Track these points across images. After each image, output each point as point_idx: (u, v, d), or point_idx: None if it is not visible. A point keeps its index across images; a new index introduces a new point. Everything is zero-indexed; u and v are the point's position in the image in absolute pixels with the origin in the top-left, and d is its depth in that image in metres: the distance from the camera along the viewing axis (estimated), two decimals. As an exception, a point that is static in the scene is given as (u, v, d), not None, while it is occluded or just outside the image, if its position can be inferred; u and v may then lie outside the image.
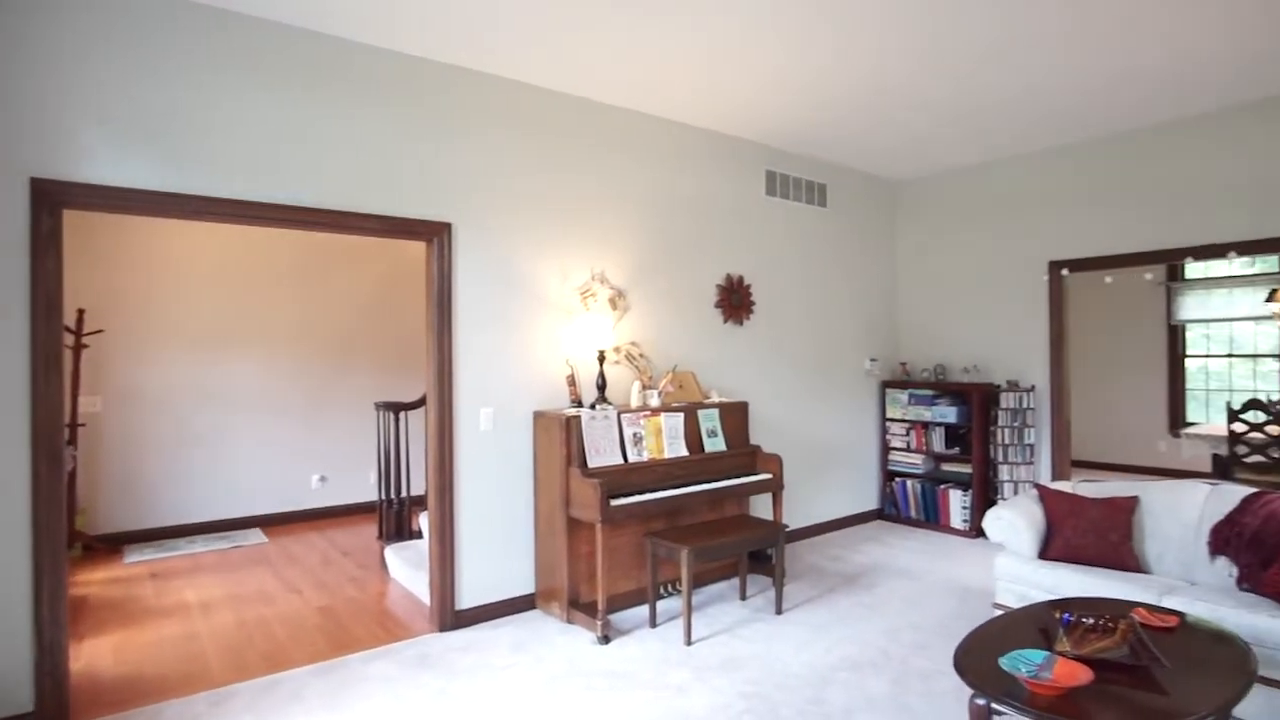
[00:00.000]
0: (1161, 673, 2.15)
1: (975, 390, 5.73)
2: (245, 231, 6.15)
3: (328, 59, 3.51)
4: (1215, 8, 3.35)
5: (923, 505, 6.03)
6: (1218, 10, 3.38)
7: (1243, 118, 4.62)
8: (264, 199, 3.32)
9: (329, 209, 3.50)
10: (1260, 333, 7.75)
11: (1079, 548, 3.54)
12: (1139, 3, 3.30)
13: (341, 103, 3.55)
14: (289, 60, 3.41)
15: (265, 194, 3.33)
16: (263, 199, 3.32)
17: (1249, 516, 3.32)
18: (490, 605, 3.99)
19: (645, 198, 4.73)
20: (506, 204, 4.08)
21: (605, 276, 4.49)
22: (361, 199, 3.60)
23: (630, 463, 3.97)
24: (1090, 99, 4.51)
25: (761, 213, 5.45)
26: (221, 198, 3.21)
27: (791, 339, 5.66)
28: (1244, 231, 4.63)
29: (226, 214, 3.25)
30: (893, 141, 5.38)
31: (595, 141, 4.47)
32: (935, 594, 4.36)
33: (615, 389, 4.48)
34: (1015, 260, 5.78)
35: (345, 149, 3.56)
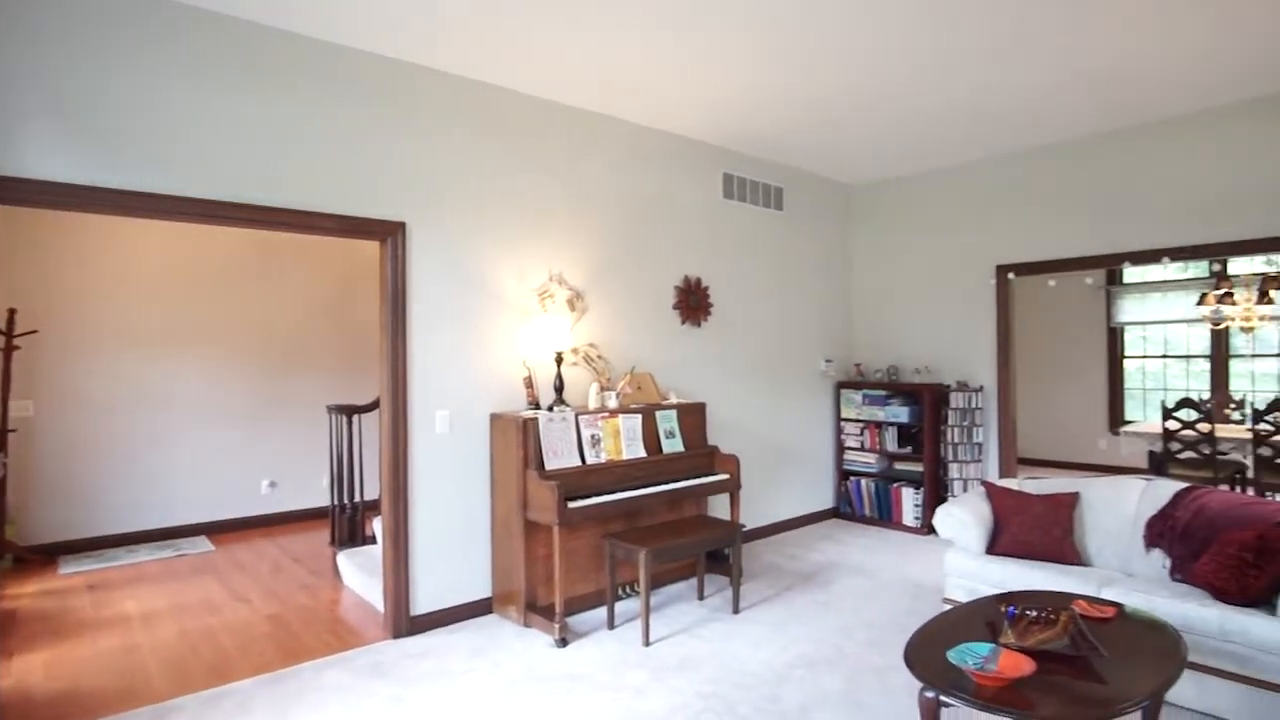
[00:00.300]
0: (1100, 662, 2.23)
1: (926, 390, 5.87)
2: (190, 228, 5.95)
3: (284, 55, 3.42)
4: (1156, 17, 3.50)
5: (876, 503, 6.15)
6: (1158, 19, 3.53)
7: (1179, 128, 4.84)
8: (213, 196, 3.22)
9: (281, 207, 3.41)
10: (1192, 334, 8.12)
11: (1024, 543, 3.66)
12: (1081, 12, 3.43)
13: (296, 100, 3.46)
14: (244, 56, 3.31)
15: (214, 192, 3.22)
16: (212, 196, 3.21)
17: (1181, 511, 3.47)
18: (446, 610, 3.94)
19: (604, 199, 4.73)
20: (464, 204, 4.04)
21: (563, 278, 4.47)
22: (315, 198, 3.51)
23: (588, 464, 3.96)
24: (1035, 108, 4.66)
25: (719, 215, 5.49)
26: (169, 195, 3.10)
27: (749, 340, 5.72)
28: (1177, 238, 4.84)
29: (174, 211, 3.14)
30: (847, 147, 5.48)
31: (554, 142, 4.45)
32: (888, 590, 4.45)
33: (573, 390, 4.46)
34: (964, 264, 5.95)
35: (299, 147, 3.47)
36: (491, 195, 4.16)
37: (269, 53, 3.40)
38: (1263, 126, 4.50)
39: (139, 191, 3.04)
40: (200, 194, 3.19)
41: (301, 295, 6.60)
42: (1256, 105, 4.52)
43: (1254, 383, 7.71)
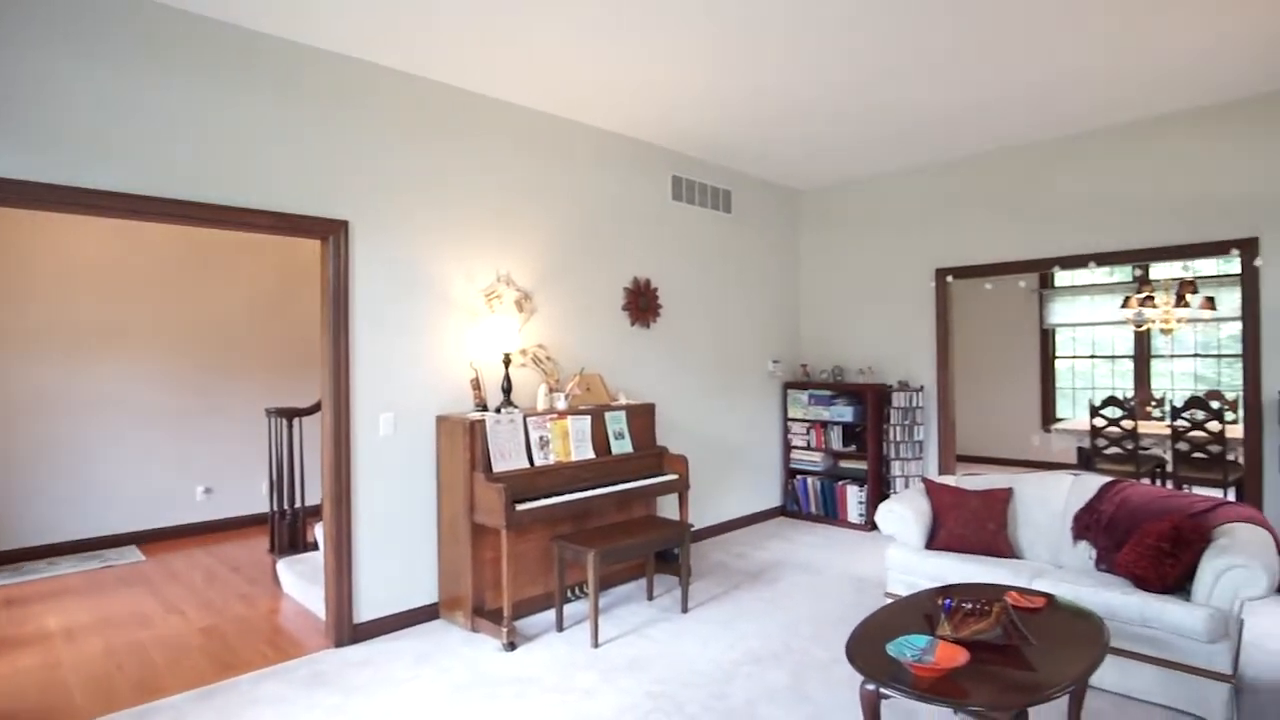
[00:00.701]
0: (1029, 650, 2.32)
1: (870, 390, 6.01)
2: (121, 224, 5.69)
3: (222, 48, 3.30)
4: (1085, 35, 3.67)
5: (822, 501, 6.27)
6: (1088, 37, 3.69)
7: (1108, 139, 5.08)
8: (144, 192, 3.08)
9: (215, 204, 3.29)
10: (1118, 336, 8.52)
11: (961, 537, 3.78)
12: (1016, 29, 3.57)
13: (233, 93, 3.34)
14: (180, 48, 3.18)
15: (146, 187, 3.09)
16: (143, 192, 3.08)
17: (1105, 504, 3.64)
18: (391, 617, 3.86)
19: (553, 200, 4.71)
20: (409, 203, 3.97)
21: (511, 278, 4.44)
22: (251, 194, 3.40)
23: (536, 466, 3.94)
24: (974, 117, 4.83)
25: (668, 217, 5.53)
26: (98, 190, 2.96)
27: (697, 341, 5.77)
28: (1104, 244, 5.08)
29: (103, 207, 2.99)
30: (794, 152, 5.58)
31: (503, 142, 4.41)
32: (833, 586, 4.54)
33: (521, 392, 4.43)
34: (905, 267, 6.12)
35: (235, 142, 3.35)
36: (438, 195, 4.09)
37: (207, 45, 3.27)
38: (1182, 140, 4.76)
39: (67, 186, 2.90)
40: (131, 189, 3.06)
41: (239, 294, 6.38)
42: (1178, 119, 4.78)
43: (1173, 381, 8.14)
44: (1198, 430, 5.67)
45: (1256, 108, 4.48)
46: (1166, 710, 2.92)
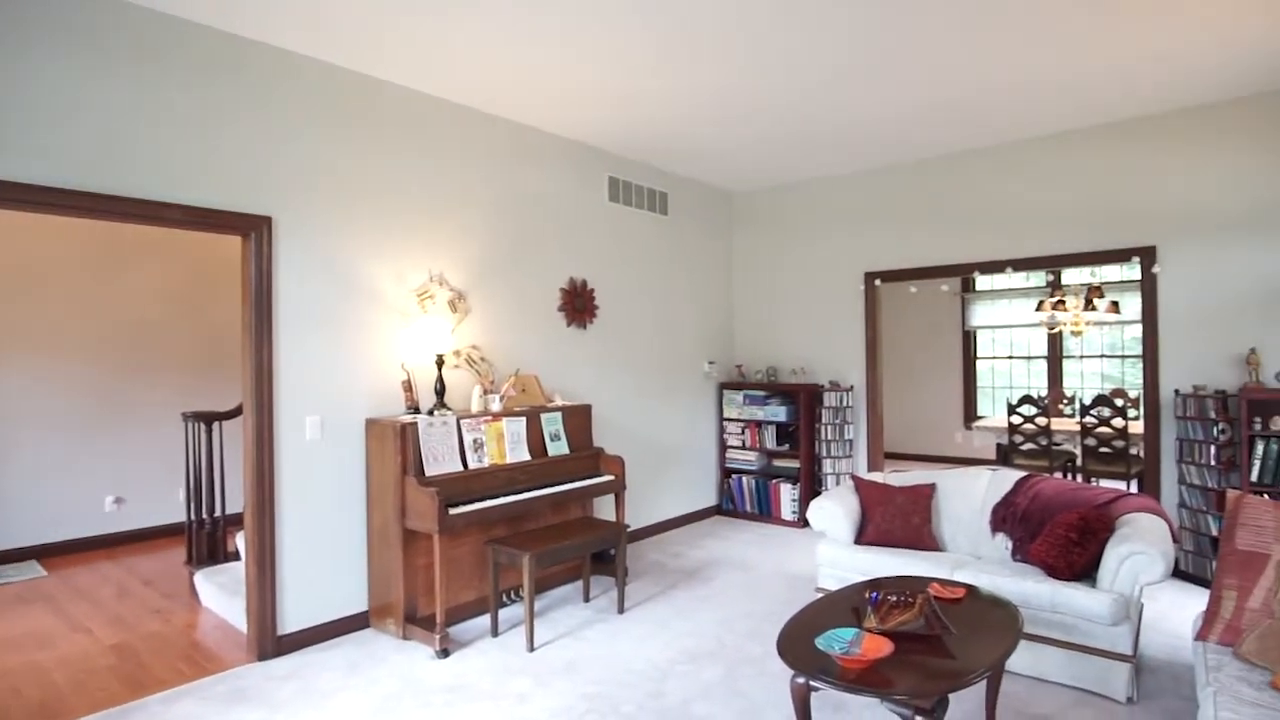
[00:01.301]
0: (950, 639, 2.42)
1: (803, 390, 6.15)
2: (14, 218, 5.32)
3: (135, 30, 3.12)
4: (1009, 49, 3.85)
5: (757, 499, 6.39)
6: (1012, 51, 3.87)
7: (1027, 151, 5.34)
8: (39, 181, 2.89)
9: (124, 196, 3.10)
10: (1033, 337, 8.97)
11: (887, 532, 3.91)
12: (943, 40, 3.72)
13: (142, 75, 3.16)
14: (88, 30, 2.99)
15: (41, 175, 2.89)
16: (37, 181, 2.88)
17: (1020, 497, 3.83)
18: (318, 627, 3.73)
19: (488, 199, 4.65)
20: (339, 200, 3.84)
21: (444, 278, 4.35)
22: (166, 187, 3.23)
23: (471, 469, 3.88)
24: (902, 126, 5.01)
25: (604, 218, 5.53)
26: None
27: (634, 342, 5.79)
28: (1021, 250, 5.35)
29: None
30: (729, 155, 5.67)
31: (437, 140, 4.32)
32: (767, 583, 4.63)
33: (455, 394, 4.35)
34: (836, 270, 6.29)
35: (149, 130, 3.17)
36: (369, 192, 3.98)
37: (118, 27, 3.09)
38: (1093, 154, 5.05)
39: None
40: (25, 178, 2.86)
41: (153, 293, 6.06)
42: (1089, 134, 5.06)
43: (1083, 380, 8.63)
44: (1104, 426, 6.03)
45: (1156, 125, 4.80)
46: (1074, 690, 3.09)
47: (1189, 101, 4.58)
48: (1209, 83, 4.28)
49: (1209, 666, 2.40)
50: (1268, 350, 4.46)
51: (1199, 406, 4.51)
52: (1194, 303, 4.70)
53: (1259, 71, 4.11)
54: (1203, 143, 4.63)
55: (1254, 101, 4.47)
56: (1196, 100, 4.56)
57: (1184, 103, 4.60)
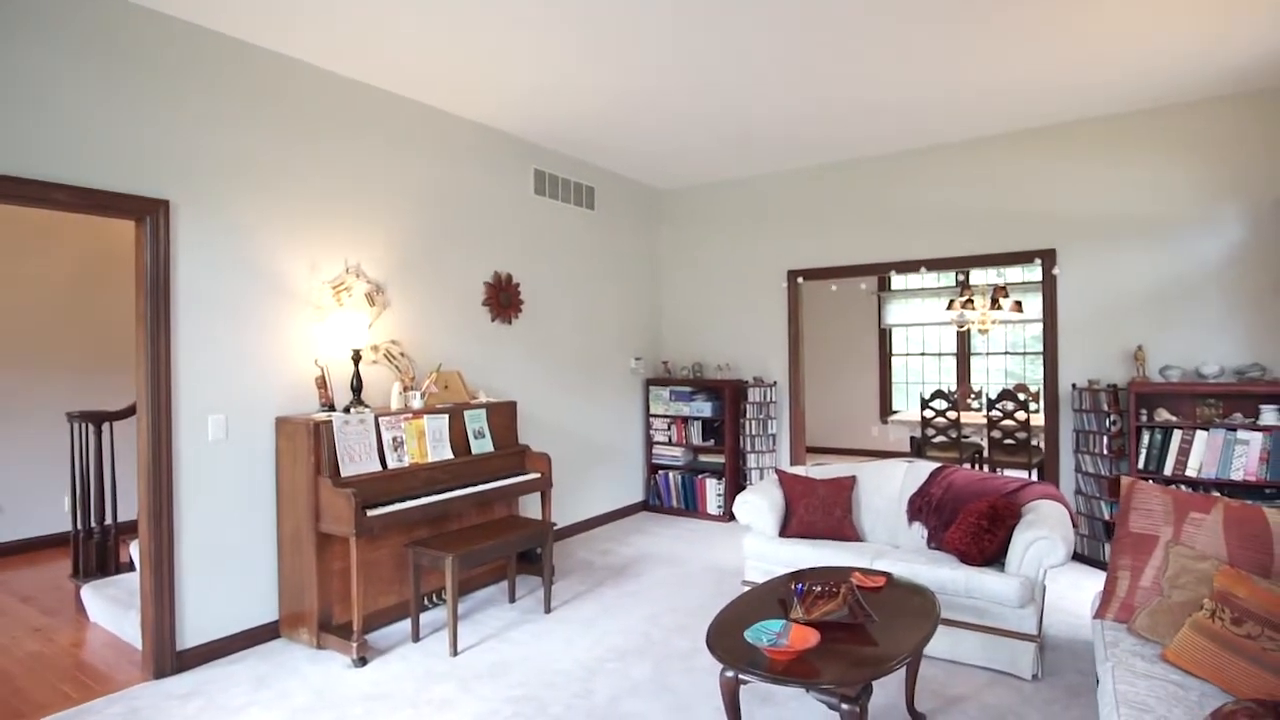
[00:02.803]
0: (873, 627, 2.48)
1: (728, 386, 6.23)
2: None
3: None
4: (931, 51, 3.98)
5: (683, 495, 6.42)
6: (934, 54, 4.01)
7: (941, 155, 5.56)
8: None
9: (4, 175, 2.82)
10: (944, 335, 9.40)
11: (810, 524, 4.00)
12: (864, 45, 3.81)
13: (26, 47, 2.86)
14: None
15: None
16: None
17: (935, 488, 3.98)
18: (224, 640, 3.50)
19: (409, 189, 4.47)
20: (246, 184, 3.61)
21: (362, 270, 4.17)
22: (51, 165, 2.94)
23: (390, 469, 3.72)
24: (826, 128, 5.12)
25: (530, 212, 5.43)
26: None
27: (560, 338, 5.72)
28: (934, 251, 5.57)
29: None
30: (657, 152, 5.67)
31: (354, 125, 4.12)
32: (694, 577, 4.65)
33: (373, 391, 4.17)
34: (760, 268, 6.39)
35: (29, 104, 2.88)
36: (281, 177, 3.76)
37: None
38: (1000, 159, 5.30)
39: None
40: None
41: (33, 283, 5.55)
42: (997, 141, 5.32)
43: (988, 376, 9.10)
44: (1008, 420, 6.37)
45: (1060, 134, 5.08)
46: (987, 671, 3.23)
47: (1093, 112, 4.87)
48: (1112, 96, 4.56)
49: (1106, 642, 2.55)
50: (1153, 347, 4.80)
51: (1093, 400, 4.81)
52: (1089, 303, 5.01)
53: (1157, 86, 4.42)
54: (1103, 153, 4.94)
55: (1152, 115, 4.79)
56: (1100, 111, 4.85)
57: (1088, 113, 4.89)
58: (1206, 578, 2.48)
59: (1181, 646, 2.34)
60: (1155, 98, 4.60)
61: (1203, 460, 4.46)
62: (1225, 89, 4.47)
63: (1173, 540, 2.70)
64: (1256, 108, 4.50)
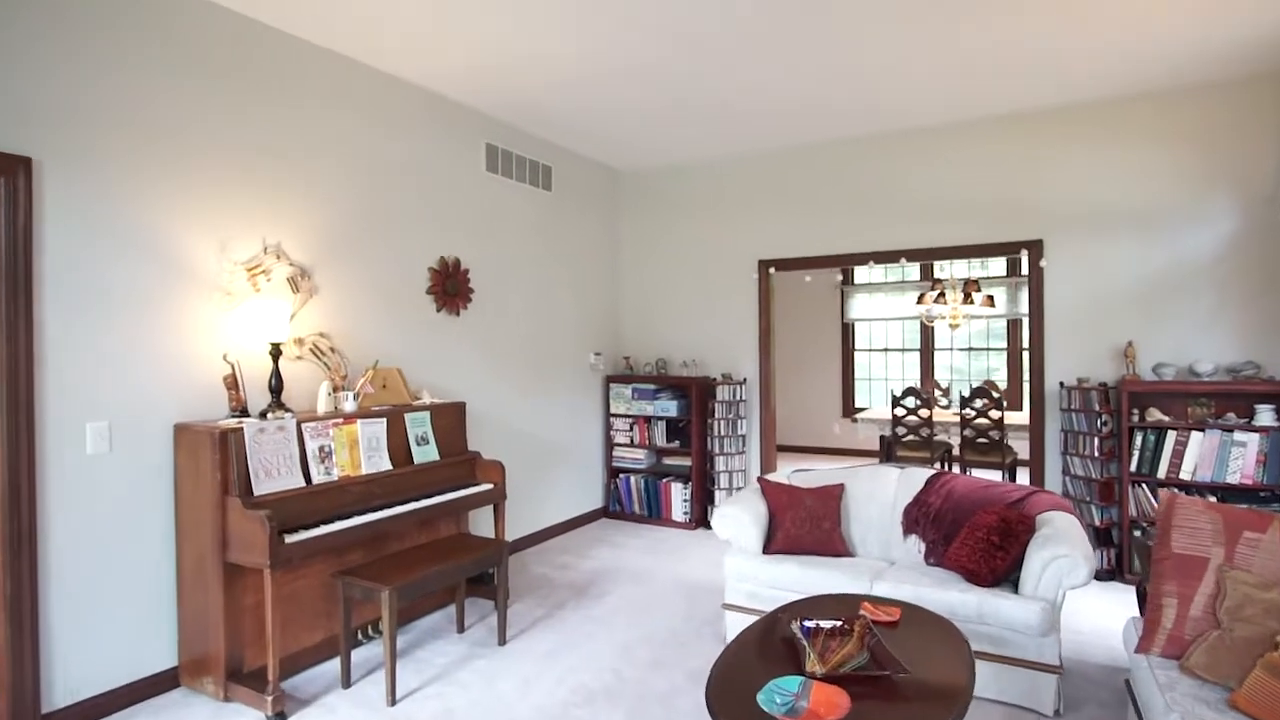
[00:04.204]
0: (904, 681, 2.08)
1: (694, 384, 5.80)
2: None
3: None
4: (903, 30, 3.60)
5: (646, 500, 5.98)
6: (907, 31, 3.63)
7: (925, 139, 5.23)
8: None
9: None
10: (906, 330, 9.19)
11: (797, 538, 3.59)
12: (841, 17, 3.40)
13: None
14: None
15: None
16: None
17: (933, 496, 3.63)
18: (106, 696, 2.89)
19: (342, 158, 3.88)
20: (135, 143, 2.98)
21: (284, 251, 3.57)
22: None
23: (315, 484, 3.16)
24: (800, 107, 4.72)
25: (481, 190, 4.88)
26: None
27: (514, 331, 5.19)
28: (914, 241, 5.24)
29: None
30: (620, 129, 5.18)
31: (275, 79, 3.51)
32: (664, 597, 4.21)
33: (296, 392, 3.58)
34: (728, 257, 5.98)
35: None
36: (180, 137, 3.14)
37: None
38: (984, 146, 5.00)
39: None
40: None
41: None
42: (982, 125, 5.01)
43: (951, 373, 8.93)
44: (981, 418, 6.13)
45: (1050, 119, 4.80)
46: (1002, 706, 2.88)
47: (1084, 96, 4.59)
48: (1103, 79, 4.28)
49: (1161, 684, 2.20)
50: (1143, 344, 4.57)
51: (1083, 399, 4.55)
52: (1077, 297, 4.76)
53: (1154, 70, 4.15)
54: (1093, 140, 4.68)
55: (1144, 100, 4.54)
56: (1091, 96, 4.57)
57: (1079, 97, 4.61)
58: (1276, 609, 2.16)
59: (1255, 692, 2.01)
60: (1149, 81, 4.34)
61: (1197, 462, 4.24)
62: (1221, 74, 4.24)
63: (1225, 563, 2.38)
64: (1253, 94, 4.29)
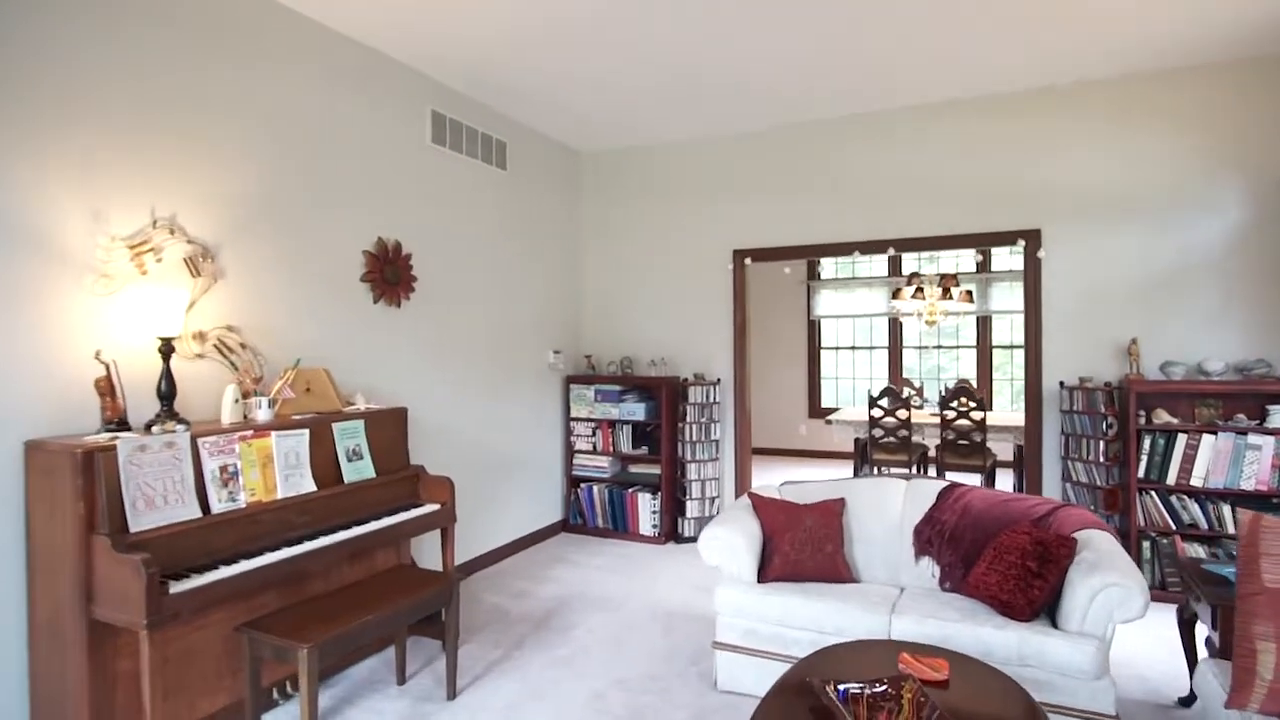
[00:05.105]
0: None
1: (664, 385, 5.30)
2: None
3: None
4: None
5: (610, 512, 5.45)
6: None
7: (913, 119, 4.83)
8: None
9: None
10: (875, 327, 8.88)
11: (797, 563, 3.12)
12: None
13: None
14: None
15: None
16: None
17: (946, 513, 3.21)
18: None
19: (261, 116, 3.24)
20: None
21: (179, 225, 2.91)
22: None
23: (216, 514, 2.53)
24: (781, 84, 4.26)
25: (426, 164, 4.27)
26: None
27: (463, 326, 4.59)
28: (902, 231, 4.85)
29: None
30: (584, 102, 4.64)
31: (174, 17, 2.85)
32: (639, 628, 3.69)
33: (196, 399, 2.93)
34: (701, 247, 5.50)
35: None
36: (41, 83, 2.47)
37: None
38: (985, 125, 4.62)
39: None
40: None
41: None
42: (982, 103, 4.64)
43: (920, 372, 8.66)
44: (962, 419, 5.81)
45: (1051, 99, 4.45)
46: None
47: (1087, 75, 4.26)
48: (1108, 57, 3.95)
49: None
50: (1148, 341, 4.27)
51: (1087, 400, 4.23)
52: (1077, 290, 4.44)
53: (1162, 47, 3.83)
54: (1097, 122, 4.34)
55: (1151, 80, 4.23)
56: (1095, 75, 4.24)
57: (1082, 76, 4.27)
58: None
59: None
60: (1157, 59, 4.03)
61: (1209, 468, 3.95)
62: (1232, 53, 3.95)
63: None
64: (1266, 75, 4.01)
